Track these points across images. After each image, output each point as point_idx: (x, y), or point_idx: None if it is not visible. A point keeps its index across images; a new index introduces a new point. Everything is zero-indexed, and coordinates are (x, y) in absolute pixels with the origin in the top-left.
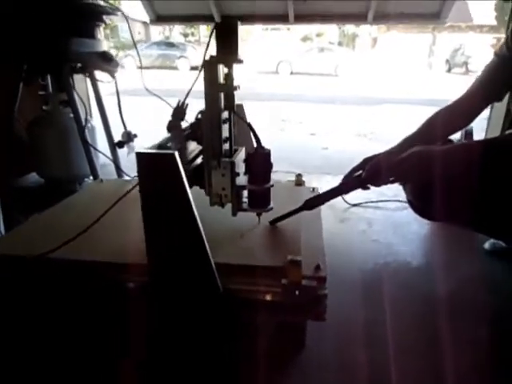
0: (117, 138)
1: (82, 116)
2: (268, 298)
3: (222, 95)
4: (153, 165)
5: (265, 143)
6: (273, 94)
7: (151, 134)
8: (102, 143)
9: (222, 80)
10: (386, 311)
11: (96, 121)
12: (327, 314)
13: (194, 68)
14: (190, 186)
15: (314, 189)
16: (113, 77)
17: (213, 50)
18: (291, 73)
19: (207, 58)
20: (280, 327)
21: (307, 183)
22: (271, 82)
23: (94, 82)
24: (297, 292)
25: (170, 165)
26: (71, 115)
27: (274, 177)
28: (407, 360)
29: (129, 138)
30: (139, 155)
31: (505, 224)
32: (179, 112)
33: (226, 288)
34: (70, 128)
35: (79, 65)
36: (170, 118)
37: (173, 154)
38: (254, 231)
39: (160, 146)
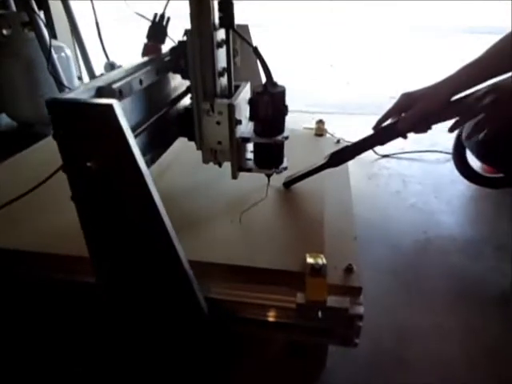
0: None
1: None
2: (274, 317)
3: (216, 4)
4: (77, 122)
5: None
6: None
7: None
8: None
9: None
10: (428, 313)
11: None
12: None
13: None
14: (176, 137)
15: (338, 140)
16: None
17: None
18: None
19: None
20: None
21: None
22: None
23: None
24: (319, 314)
25: (107, 123)
26: None
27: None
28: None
29: (112, 70)
30: (50, 105)
31: None
32: (157, 30)
33: (209, 299)
34: (37, 58)
35: None
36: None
37: (109, 106)
38: (259, 206)
39: (100, 88)
